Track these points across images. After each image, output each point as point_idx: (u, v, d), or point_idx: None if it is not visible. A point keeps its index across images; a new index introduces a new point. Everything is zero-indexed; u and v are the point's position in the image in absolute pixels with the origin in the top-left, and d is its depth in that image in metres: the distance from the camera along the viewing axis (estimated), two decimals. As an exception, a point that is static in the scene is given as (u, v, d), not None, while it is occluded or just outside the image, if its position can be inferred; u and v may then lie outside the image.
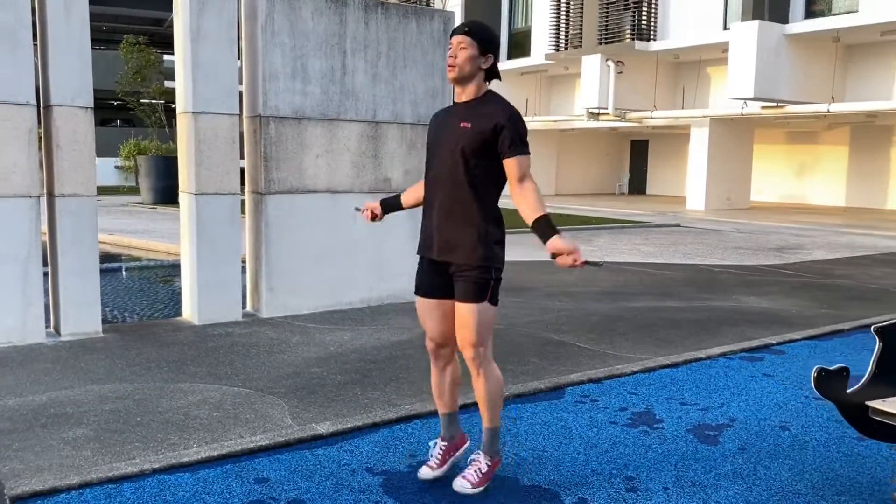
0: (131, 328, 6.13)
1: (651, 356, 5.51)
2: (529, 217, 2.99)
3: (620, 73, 22.99)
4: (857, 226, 17.82)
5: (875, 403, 2.94)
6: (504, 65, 27.28)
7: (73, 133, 5.60)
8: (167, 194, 20.07)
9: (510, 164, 3.01)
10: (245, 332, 6.01)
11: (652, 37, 22.89)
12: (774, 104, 19.69)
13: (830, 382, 2.92)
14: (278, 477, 3.32)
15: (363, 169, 6.98)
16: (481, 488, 3.16)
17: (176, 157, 21.32)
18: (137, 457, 3.51)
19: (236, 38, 6.27)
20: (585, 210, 21.50)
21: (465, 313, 3.06)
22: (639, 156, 31.64)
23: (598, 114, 23.48)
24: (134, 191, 25.24)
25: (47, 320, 5.73)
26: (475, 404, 4.13)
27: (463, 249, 3.04)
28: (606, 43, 23.35)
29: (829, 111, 18.82)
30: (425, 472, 3.29)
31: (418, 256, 3.27)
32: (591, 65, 23.08)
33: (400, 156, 7.17)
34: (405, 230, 7.23)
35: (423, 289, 3.23)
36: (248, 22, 6.41)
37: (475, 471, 3.19)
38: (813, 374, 2.91)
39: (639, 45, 22.59)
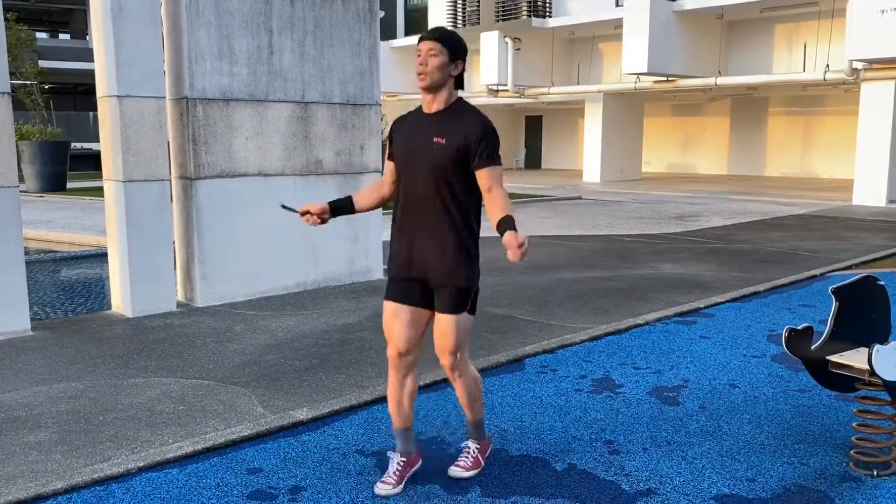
0: (61, 324, 5.82)
1: (593, 325, 5.74)
2: (496, 218, 2.93)
3: (518, 49, 23.35)
4: (743, 193, 18.93)
5: (834, 357, 3.21)
6: (401, 41, 27.17)
7: (-11, 120, 5.24)
8: (55, 181, 18.96)
9: (482, 175, 2.97)
10: (184, 323, 5.84)
11: (548, 14, 23.34)
12: (666, 78, 20.54)
13: (798, 341, 3.16)
14: (271, 466, 3.29)
15: (294, 150, 6.86)
16: (476, 471, 3.21)
17: (62, 142, 20.34)
18: (113, 457, 3.39)
19: (160, 17, 6.00)
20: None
21: (446, 324, 3.02)
22: (534, 131, 32.32)
23: (498, 90, 23.79)
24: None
25: (-32, 321, 5.38)
26: (445, 380, 4.21)
27: (446, 267, 2.99)
28: (504, 20, 23.64)
29: (716, 84, 19.83)
30: (383, 489, 3.05)
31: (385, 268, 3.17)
32: (490, 42, 23.31)
33: (331, 137, 7.08)
34: (338, 212, 7.17)
35: (395, 295, 3.08)
36: (171, 0, 6.14)
37: (466, 455, 3.24)
38: (784, 334, 3.15)
39: (535, 21, 23.00)
